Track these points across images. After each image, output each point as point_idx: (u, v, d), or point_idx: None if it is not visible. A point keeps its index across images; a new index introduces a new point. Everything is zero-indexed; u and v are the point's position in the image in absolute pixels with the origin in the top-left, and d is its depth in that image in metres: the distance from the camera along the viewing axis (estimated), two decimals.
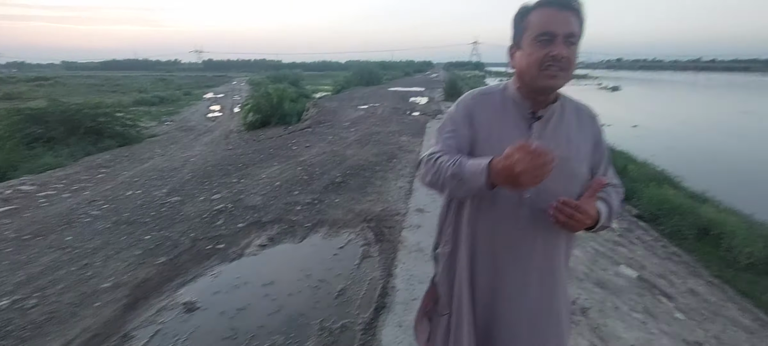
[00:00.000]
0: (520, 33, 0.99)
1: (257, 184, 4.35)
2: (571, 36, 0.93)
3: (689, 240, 6.35)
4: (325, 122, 9.84)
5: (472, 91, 1.13)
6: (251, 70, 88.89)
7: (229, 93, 28.57)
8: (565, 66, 0.93)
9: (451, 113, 1.11)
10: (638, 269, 4.36)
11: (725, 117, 21.72)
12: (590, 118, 1.09)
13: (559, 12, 0.92)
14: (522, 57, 0.98)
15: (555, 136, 1.02)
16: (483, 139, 1.04)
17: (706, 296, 4.48)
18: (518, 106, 1.04)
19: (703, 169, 10.70)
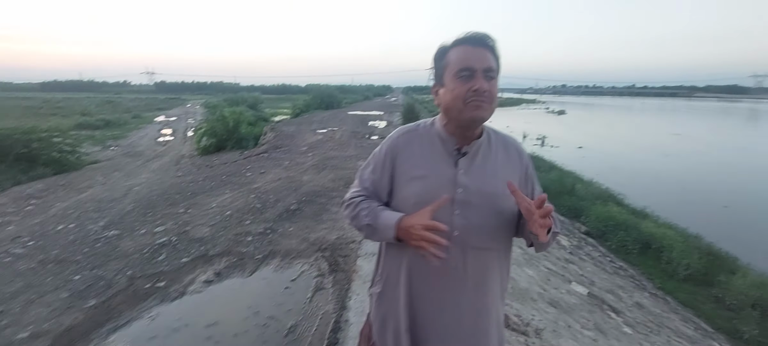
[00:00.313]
0: (441, 71, 1.02)
1: (206, 214, 4.10)
2: (489, 70, 0.96)
3: (633, 254, 6.73)
4: (282, 147, 9.63)
5: (400, 127, 1.14)
6: (207, 92, 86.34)
7: (183, 116, 27.48)
8: (488, 99, 0.96)
9: (376, 153, 1.12)
10: (588, 286, 4.51)
11: (659, 139, 23.74)
12: (517, 151, 1.11)
13: (475, 49, 0.97)
14: (445, 93, 1.00)
15: (481, 172, 1.03)
16: (408, 176, 1.05)
17: (651, 308, 4.71)
18: (445, 142, 1.05)
19: (642, 186, 11.52)
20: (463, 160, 1.03)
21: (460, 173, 1.02)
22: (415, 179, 1.04)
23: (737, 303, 5.12)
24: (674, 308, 5.20)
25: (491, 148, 1.07)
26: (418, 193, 1.02)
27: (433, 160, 1.04)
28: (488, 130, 1.09)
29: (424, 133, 1.09)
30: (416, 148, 1.07)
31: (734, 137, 25.65)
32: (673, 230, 7.18)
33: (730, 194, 11.24)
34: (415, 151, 1.07)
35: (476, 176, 1.02)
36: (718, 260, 6.25)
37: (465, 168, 1.02)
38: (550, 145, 19.30)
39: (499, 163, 1.06)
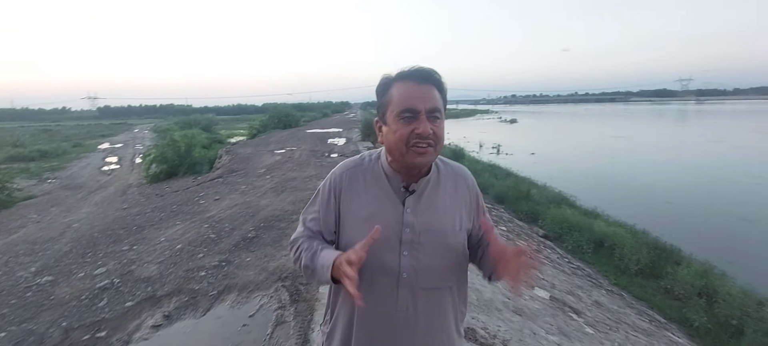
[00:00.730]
0: (383, 108, 0.95)
1: (154, 249, 3.79)
2: (434, 111, 0.90)
3: (588, 253, 7.04)
4: (238, 170, 9.26)
5: (344, 162, 1.06)
6: (157, 116, 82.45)
7: (130, 142, 25.99)
8: (433, 142, 0.90)
9: (319, 190, 1.06)
10: (550, 289, 4.62)
11: (603, 141, 25.38)
12: (466, 182, 1.06)
13: (418, 86, 0.90)
14: (388, 133, 0.93)
15: (429, 210, 0.97)
16: (353, 216, 0.99)
17: (609, 305, 4.91)
18: (390, 179, 0.99)
19: (591, 187, 12.19)
20: (410, 198, 0.97)
21: (406, 212, 0.96)
22: (359, 219, 0.98)
23: (684, 293, 5.46)
24: (629, 303, 5.46)
25: (440, 182, 1.02)
26: (364, 235, 0.94)
27: (379, 199, 0.98)
28: (437, 162, 1.04)
29: (368, 169, 1.02)
30: (361, 186, 1.01)
31: (668, 137, 27.97)
32: (623, 228, 7.60)
33: (669, 189, 12.15)
34: (359, 189, 1.00)
35: (424, 214, 0.97)
36: (664, 253, 6.66)
37: (412, 206, 0.97)
38: (505, 153, 20.05)
39: (448, 197, 1.01)
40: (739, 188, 12.02)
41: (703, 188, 12.25)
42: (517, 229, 7.47)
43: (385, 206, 0.97)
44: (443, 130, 0.93)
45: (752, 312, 4.77)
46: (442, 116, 0.93)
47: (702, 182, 13.09)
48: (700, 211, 9.92)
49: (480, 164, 14.16)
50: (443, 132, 0.93)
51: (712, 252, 6.90)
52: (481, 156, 17.96)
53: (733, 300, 4.94)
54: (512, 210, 9.22)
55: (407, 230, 0.94)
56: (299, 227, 1.07)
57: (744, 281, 5.76)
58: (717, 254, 6.91)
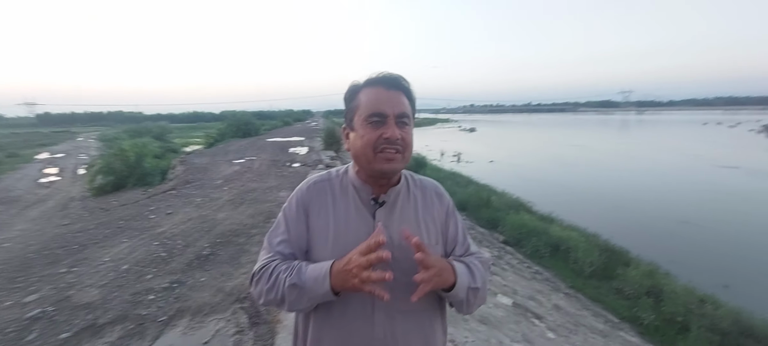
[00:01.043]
0: (351, 114, 0.92)
1: (96, 271, 3.45)
2: (402, 116, 0.88)
3: (546, 257, 7.30)
4: (193, 182, 8.79)
5: (309, 179, 1.02)
6: (104, 123, 77.39)
7: (73, 152, 24.11)
8: (401, 148, 0.88)
9: (284, 210, 0.99)
10: (512, 295, 4.71)
11: (556, 149, 26.71)
12: (437, 194, 1.02)
13: (387, 91, 0.88)
14: (355, 139, 0.91)
15: (401, 222, 0.93)
16: (322, 233, 0.93)
17: (568, 308, 5.08)
18: (359, 191, 0.95)
19: (546, 193, 12.72)
20: (380, 210, 0.93)
21: (377, 224, 0.91)
22: (328, 237, 0.92)
23: (634, 292, 5.78)
24: (585, 305, 5.69)
25: (410, 194, 0.98)
26: (333, 252, 0.89)
27: (347, 213, 0.93)
28: (405, 174, 1.01)
29: (336, 183, 0.98)
30: (328, 200, 0.96)
31: (615, 145, 29.93)
32: (576, 232, 7.97)
33: (617, 194, 12.94)
34: (327, 204, 0.95)
35: (396, 226, 0.92)
36: (614, 255, 7.05)
37: (384, 219, 0.92)
38: (465, 161, 20.56)
39: (419, 209, 0.97)
40: (679, 191, 13.03)
41: (647, 192, 13.17)
42: (478, 236, 7.61)
43: (355, 220, 0.92)
44: (412, 138, 0.91)
45: (695, 309, 5.12)
46: (410, 123, 0.91)
47: (645, 186, 14.08)
48: (644, 214, 10.63)
49: (442, 172, 14.40)
50: (412, 139, 0.91)
51: (656, 252, 7.40)
52: (443, 164, 18.30)
53: (677, 298, 5.28)
54: (474, 217, 9.41)
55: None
56: (264, 255, 0.96)
57: (686, 279, 6.20)
58: (660, 253, 7.41)
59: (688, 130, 44.55)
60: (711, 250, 7.97)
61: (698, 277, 6.50)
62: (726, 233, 8.87)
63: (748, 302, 5.58)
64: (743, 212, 10.50)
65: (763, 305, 5.53)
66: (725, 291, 6.17)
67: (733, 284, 6.44)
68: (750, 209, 10.86)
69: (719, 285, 6.36)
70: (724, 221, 9.70)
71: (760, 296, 6.02)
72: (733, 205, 11.27)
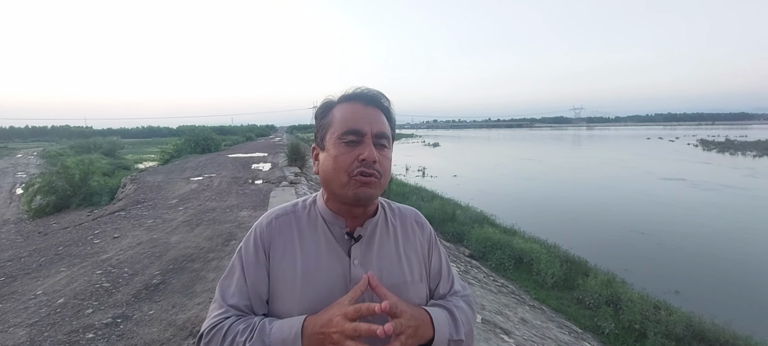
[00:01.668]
0: (323, 131, 0.81)
1: (26, 306, 3.04)
2: (381, 136, 0.78)
3: (510, 270, 7.42)
4: (145, 201, 8.21)
5: (269, 212, 0.87)
6: (48, 138, 72.10)
7: (10, 170, 22.13)
8: (378, 173, 0.76)
9: (240, 252, 0.83)
10: (480, 311, 4.69)
11: (515, 163, 27.69)
12: (418, 223, 0.92)
13: (365, 108, 0.79)
14: (326, 160, 0.79)
15: (381, 259, 0.82)
16: (288, 277, 0.79)
17: (533, 321, 5.13)
18: (331, 224, 0.83)
19: (508, 206, 13.07)
20: (356, 246, 0.81)
21: (354, 263, 0.80)
22: (295, 280, 0.78)
23: (594, 302, 5.97)
24: (550, 316, 5.80)
25: (388, 225, 0.87)
26: (301, 300, 0.76)
27: (318, 252, 0.80)
28: (382, 202, 0.90)
29: (303, 216, 0.85)
30: (294, 237, 0.82)
31: (569, 159, 31.45)
32: (538, 243, 8.19)
33: (574, 205, 13.52)
34: (293, 241, 0.82)
35: (375, 265, 0.81)
36: (574, 266, 7.28)
37: (360, 256, 0.81)
38: (430, 176, 20.83)
39: (400, 243, 0.86)
40: (630, 203, 13.80)
41: (602, 204, 13.85)
42: (445, 250, 7.61)
43: (327, 259, 0.79)
44: (390, 161, 0.81)
45: (650, 315, 5.34)
46: (389, 145, 0.81)
47: (599, 198, 14.82)
48: (599, 224, 11.15)
49: (407, 187, 14.48)
50: (390, 163, 0.81)
51: (611, 261, 7.74)
52: (408, 179, 18.41)
53: (634, 306, 5.50)
54: (439, 232, 9.45)
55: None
56: (215, 309, 0.79)
57: (640, 286, 6.51)
58: (616, 262, 7.76)
59: (633, 144, 47.83)
60: (661, 257, 8.44)
61: (651, 284, 6.84)
62: (674, 241, 9.44)
63: (697, 306, 5.92)
64: (688, 221, 11.27)
65: (711, 308, 5.88)
66: (676, 297, 6.52)
67: (683, 289, 6.83)
68: (694, 217, 11.68)
69: (671, 291, 6.72)
70: (671, 231, 10.35)
71: (707, 300, 6.41)
72: (679, 214, 12.08)
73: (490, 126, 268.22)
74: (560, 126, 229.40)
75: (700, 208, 12.82)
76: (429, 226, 0.94)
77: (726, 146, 37.79)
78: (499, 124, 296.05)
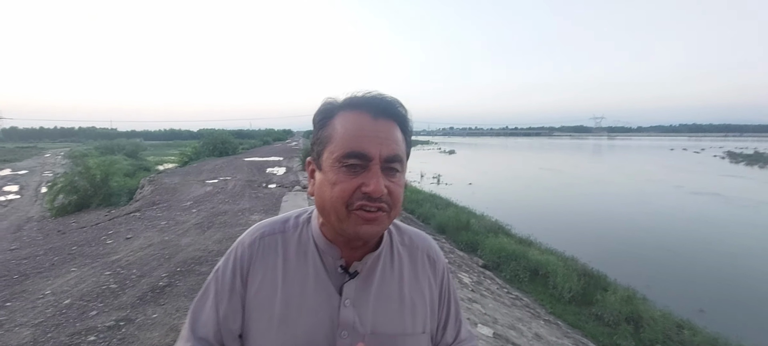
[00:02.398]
0: (321, 145, 0.64)
1: (34, 306, 3.07)
2: (393, 160, 0.61)
3: (525, 282, 7.19)
4: (160, 203, 8.34)
5: (256, 227, 0.74)
6: (75, 139, 74.95)
7: (37, 169, 22.98)
8: (387, 205, 0.61)
9: (216, 274, 0.72)
10: (492, 325, 4.53)
11: (532, 172, 27.19)
12: (430, 260, 0.76)
13: (374, 121, 0.61)
14: (322, 185, 0.63)
15: (379, 303, 0.68)
16: (264, 312, 0.66)
17: (548, 337, 4.93)
18: (323, 253, 0.69)
19: (524, 216, 12.78)
20: (350, 284, 0.67)
21: (345, 304, 0.66)
22: (272, 316, 0.66)
23: (613, 319, 5.70)
24: (566, 332, 5.57)
25: (394, 259, 0.72)
26: (275, 342, 0.65)
27: (304, 285, 0.67)
28: (390, 226, 0.76)
29: (292, 239, 0.71)
30: (278, 264, 0.69)
31: (590, 170, 30.71)
32: (555, 256, 7.93)
33: (593, 218, 13.12)
34: (275, 269, 0.68)
35: (371, 309, 0.67)
36: (592, 280, 7.00)
37: (353, 297, 0.67)
38: (444, 183, 20.60)
39: (405, 281, 0.72)
40: (654, 217, 13.30)
41: (622, 216, 13.40)
42: (458, 259, 7.45)
43: (313, 296, 0.66)
44: (402, 189, 0.64)
45: (673, 335, 5.07)
46: (402, 169, 0.64)
47: (620, 211, 14.34)
48: (620, 238, 10.75)
49: (422, 194, 14.31)
50: (401, 192, 0.64)
51: (632, 277, 7.40)
52: (423, 186, 18.26)
53: (655, 325, 5.23)
54: (453, 240, 9.28)
55: (344, 333, 0.65)
56: (183, 334, 0.70)
57: (662, 304, 6.19)
58: (637, 278, 7.42)
59: (657, 155, 46.42)
60: (686, 275, 8.06)
61: (674, 302, 6.51)
62: (700, 259, 9.01)
63: (724, 327, 5.59)
64: (716, 238, 10.77)
65: (738, 330, 5.54)
66: (701, 316, 6.18)
67: (709, 309, 6.47)
68: (723, 234, 11.16)
69: (695, 310, 6.38)
70: (697, 247, 9.89)
71: (735, 322, 6.06)
72: (705, 230, 11.56)
73: (508, 134, 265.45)
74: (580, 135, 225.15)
75: (729, 224, 12.26)
76: (443, 261, 0.79)
77: (755, 159, 36.21)
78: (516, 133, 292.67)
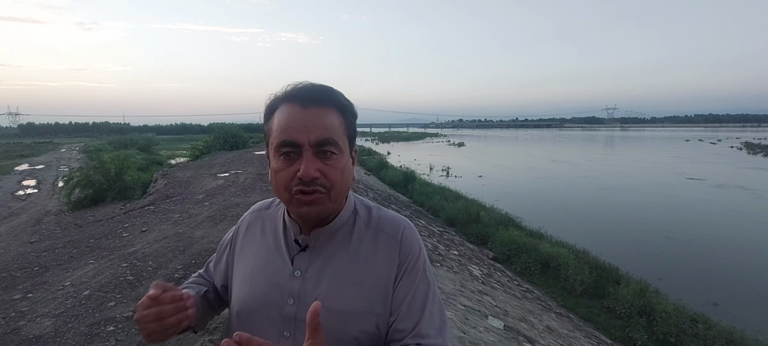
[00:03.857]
0: (267, 136, 0.71)
1: (54, 297, 3.16)
2: (323, 144, 0.65)
3: (536, 275, 7.16)
4: (173, 196, 8.48)
5: (257, 203, 0.88)
6: (89, 134, 76.40)
7: (54, 163, 23.51)
8: (324, 187, 0.65)
9: (223, 238, 0.90)
10: (503, 317, 4.53)
11: (541, 164, 26.90)
12: (393, 241, 0.73)
13: (303, 110, 0.65)
14: (271, 172, 0.70)
15: (327, 276, 0.70)
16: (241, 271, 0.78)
17: (559, 329, 4.92)
18: (288, 228, 0.76)
19: (535, 208, 12.69)
20: (302, 256, 0.72)
21: (294, 274, 0.71)
22: (245, 275, 0.77)
23: (626, 312, 5.66)
24: (577, 325, 5.54)
25: (352, 237, 0.73)
26: (241, 298, 0.75)
27: (268, 253, 0.76)
28: (359, 207, 0.77)
29: (271, 215, 0.82)
30: (257, 233, 0.80)
31: (601, 161, 30.28)
32: (566, 248, 7.87)
33: (605, 210, 12.97)
34: (254, 237, 0.80)
35: (317, 280, 0.70)
36: (604, 272, 6.94)
37: (303, 268, 0.71)
38: (454, 176, 20.53)
39: (361, 259, 0.71)
40: (666, 210, 13.09)
41: (634, 208, 13.22)
42: (468, 252, 7.45)
43: (273, 263, 0.74)
44: (341, 170, 0.67)
45: (687, 329, 5.01)
46: (340, 151, 0.67)
47: (633, 203, 14.14)
48: (632, 230, 10.62)
49: (431, 187, 14.29)
50: (340, 172, 0.67)
51: (645, 270, 7.33)
52: (432, 178, 18.22)
53: (668, 318, 5.18)
54: (463, 233, 9.26)
55: (291, 300, 0.69)
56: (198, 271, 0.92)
57: (675, 297, 6.12)
58: (649, 271, 7.35)
59: (672, 146, 45.54)
60: (699, 268, 7.94)
61: (688, 295, 6.44)
62: (714, 251, 8.87)
63: (739, 321, 5.51)
64: (731, 230, 10.57)
65: (754, 324, 5.47)
66: (715, 309, 6.10)
67: (723, 302, 6.38)
68: (736, 226, 10.95)
69: (709, 303, 6.30)
70: (711, 239, 9.73)
71: (751, 315, 5.97)
72: (719, 222, 11.36)
73: (518, 126, 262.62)
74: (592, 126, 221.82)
75: (743, 216, 12.01)
76: (413, 243, 0.75)
77: None
78: (527, 124, 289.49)
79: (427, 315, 0.71)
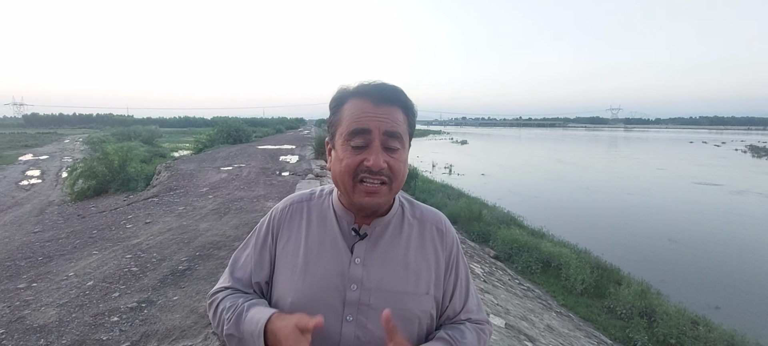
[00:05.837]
0: (334, 127, 0.76)
1: (58, 287, 3.18)
2: (392, 136, 0.71)
3: (537, 274, 7.16)
4: (177, 189, 8.50)
5: (288, 197, 0.88)
6: (93, 125, 76.73)
7: (58, 154, 23.54)
8: (387, 178, 0.72)
9: (257, 229, 0.87)
10: (504, 316, 4.54)
11: (544, 164, 26.83)
12: (438, 232, 0.84)
13: (375, 107, 0.72)
14: (335, 161, 0.75)
15: (386, 262, 0.77)
16: (290, 262, 0.79)
17: (560, 329, 4.92)
18: (340, 218, 0.80)
19: (537, 208, 12.67)
20: (360, 244, 0.77)
21: (355, 262, 0.76)
22: (295, 267, 0.77)
23: (626, 312, 5.66)
24: (578, 325, 5.55)
25: (403, 227, 0.81)
26: (296, 289, 0.75)
27: (322, 243, 0.78)
28: (402, 200, 0.84)
29: (316, 206, 0.84)
30: (303, 223, 0.82)
31: (605, 162, 30.17)
32: (568, 248, 7.87)
33: (608, 211, 12.93)
34: (300, 227, 0.81)
35: (378, 266, 0.76)
36: (605, 273, 6.94)
37: (363, 256, 0.77)
38: (456, 174, 20.50)
39: (412, 248, 0.80)
40: (668, 212, 13.04)
41: (637, 210, 13.17)
42: (470, 250, 7.45)
43: (329, 252, 0.77)
44: (404, 164, 0.74)
45: (688, 331, 5.01)
46: (403, 146, 0.74)
47: (636, 204, 14.09)
48: (634, 231, 10.58)
49: (433, 184, 14.28)
50: (403, 165, 0.74)
51: (646, 271, 7.31)
52: (434, 176, 18.20)
53: (670, 319, 5.17)
54: (465, 231, 9.27)
55: (353, 286, 0.74)
56: (222, 279, 0.85)
57: (677, 299, 6.11)
58: (651, 273, 7.33)
59: (676, 148, 45.31)
60: (701, 271, 7.91)
61: (689, 297, 6.42)
62: (716, 254, 8.83)
63: (740, 324, 5.50)
64: (734, 234, 10.53)
65: (756, 328, 5.45)
66: (717, 313, 6.09)
67: (725, 305, 6.37)
68: (738, 230, 10.90)
69: (711, 306, 6.28)
70: (714, 242, 9.69)
71: (753, 319, 5.95)
72: (723, 227, 11.31)
73: (521, 125, 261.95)
74: (596, 126, 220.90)
75: (746, 220, 11.96)
76: (453, 234, 0.86)
77: None
78: (530, 123, 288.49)
79: (471, 295, 0.85)
